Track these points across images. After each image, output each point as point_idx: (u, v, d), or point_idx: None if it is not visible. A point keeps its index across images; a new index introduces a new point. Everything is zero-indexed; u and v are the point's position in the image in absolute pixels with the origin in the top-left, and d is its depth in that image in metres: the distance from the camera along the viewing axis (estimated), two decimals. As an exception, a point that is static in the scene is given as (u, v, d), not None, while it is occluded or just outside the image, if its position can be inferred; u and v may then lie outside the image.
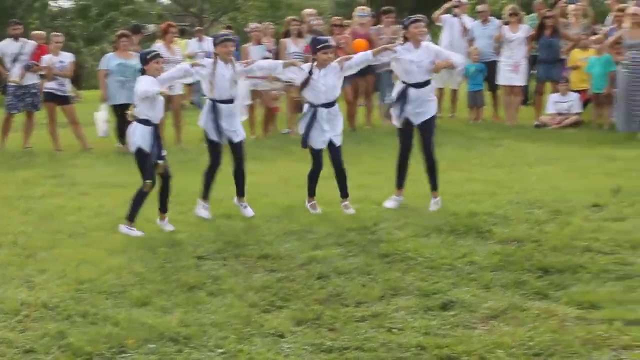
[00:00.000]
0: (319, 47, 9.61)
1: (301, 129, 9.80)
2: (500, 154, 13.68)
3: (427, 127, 9.72)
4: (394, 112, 9.82)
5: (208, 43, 18.47)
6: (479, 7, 19.03)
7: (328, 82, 9.58)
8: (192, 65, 9.86)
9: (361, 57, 9.92)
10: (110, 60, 15.66)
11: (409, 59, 9.61)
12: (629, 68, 15.21)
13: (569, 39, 17.23)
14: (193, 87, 19.80)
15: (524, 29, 17.40)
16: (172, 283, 7.25)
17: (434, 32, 21.76)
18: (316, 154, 9.79)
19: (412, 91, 9.66)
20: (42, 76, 16.28)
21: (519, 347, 5.64)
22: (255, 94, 11.95)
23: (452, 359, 5.57)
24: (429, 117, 9.70)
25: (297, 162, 13.19)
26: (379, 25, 17.83)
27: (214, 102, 9.62)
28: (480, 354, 5.57)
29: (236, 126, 9.70)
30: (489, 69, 17.65)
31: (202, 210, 9.69)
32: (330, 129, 9.66)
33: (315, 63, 9.63)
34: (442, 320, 6.21)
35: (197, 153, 14.63)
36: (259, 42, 17.48)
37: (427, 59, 9.61)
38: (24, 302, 6.79)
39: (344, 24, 17.75)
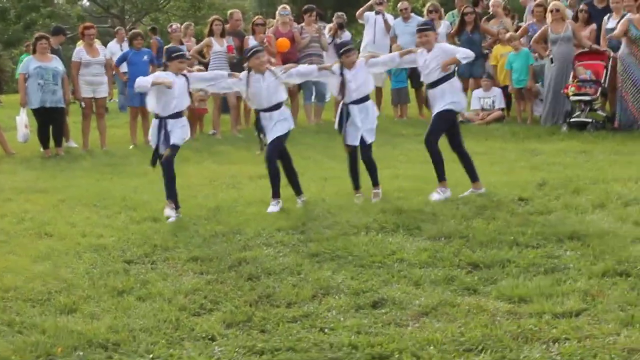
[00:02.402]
0: (342, 51, 9.83)
1: (337, 126, 10.09)
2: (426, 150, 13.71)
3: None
4: None
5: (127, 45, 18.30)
6: (400, 5, 19.13)
7: (358, 79, 9.80)
8: (229, 74, 10.04)
9: (389, 58, 10.48)
10: (29, 64, 15.42)
11: (423, 60, 9.92)
12: (554, 62, 15.40)
13: (489, 33, 17.40)
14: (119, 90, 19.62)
15: (444, 25, 17.53)
16: (99, 288, 7.13)
17: (358, 30, 21.82)
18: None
19: (429, 91, 10.14)
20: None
21: (451, 343, 5.63)
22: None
23: (384, 358, 5.54)
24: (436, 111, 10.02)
25: (223, 164, 13.16)
26: (301, 24, 17.84)
27: (256, 111, 9.91)
28: (412, 351, 5.55)
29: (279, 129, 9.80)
30: (412, 66, 17.73)
31: None
32: (363, 125, 9.91)
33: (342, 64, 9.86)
34: (373, 318, 6.18)
35: (122, 157, 14.53)
36: (180, 43, 17.41)
37: (435, 60, 9.83)
38: (-54, 313, 6.64)
39: (266, 23, 17.75)
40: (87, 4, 49.44)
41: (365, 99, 9.93)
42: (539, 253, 7.42)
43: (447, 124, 9.95)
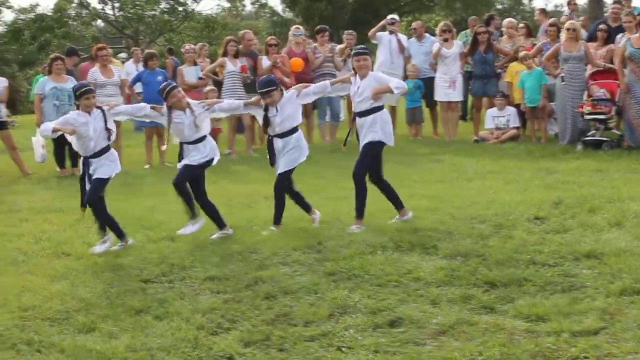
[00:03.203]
0: (263, 91, 9.72)
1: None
2: (441, 169, 13.75)
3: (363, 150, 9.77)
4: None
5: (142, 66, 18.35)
6: (414, 24, 19.20)
7: (284, 113, 9.71)
8: (152, 107, 9.74)
9: (319, 87, 10.13)
10: (45, 85, 15.50)
11: (353, 90, 9.75)
12: (565, 81, 15.41)
13: (503, 53, 17.43)
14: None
15: (457, 45, 17.57)
16: (117, 308, 7.17)
17: (371, 49, 21.86)
18: None
19: (358, 120, 9.78)
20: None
21: (469, 362, 5.66)
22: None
23: (402, 376, 5.57)
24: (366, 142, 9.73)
25: (238, 184, 13.19)
26: (314, 44, 17.91)
27: (181, 144, 9.77)
28: (431, 370, 5.58)
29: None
30: (426, 85, 17.78)
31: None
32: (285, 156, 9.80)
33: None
34: (391, 337, 6.20)
35: (138, 176, 14.58)
36: (194, 63, 17.48)
37: (368, 89, 9.63)
38: (-34, 333, 6.68)
39: (279, 44, 17.84)
40: (102, 24, 49.68)
41: (292, 131, 9.82)
42: (556, 272, 7.42)
43: (376, 156, 9.84)
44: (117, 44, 43.80)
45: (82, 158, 9.42)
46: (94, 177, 9.26)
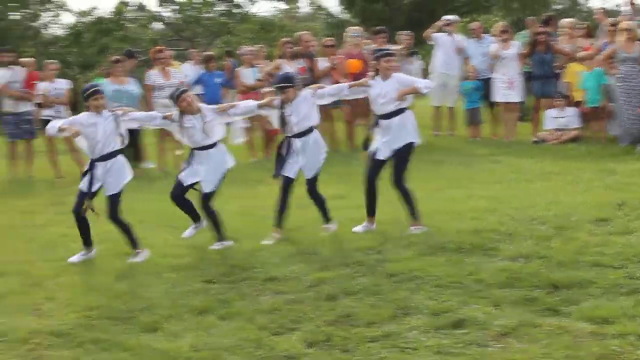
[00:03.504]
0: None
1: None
2: (500, 170, 13.65)
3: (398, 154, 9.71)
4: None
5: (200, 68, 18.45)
6: (472, 25, 19.10)
7: (300, 112, 9.67)
8: (164, 117, 9.67)
9: (336, 89, 10.08)
10: (106, 87, 15.65)
11: (376, 92, 9.65)
12: (623, 82, 15.25)
13: (563, 53, 17.27)
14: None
15: (516, 46, 17.44)
16: (180, 308, 7.24)
17: (426, 50, 21.83)
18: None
19: (383, 123, 9.68)
20: (38, 104, 16.32)
21: (534, 364, 5.63)
22: (253, 116, 11.94)
23: (466, 378, 5.56)
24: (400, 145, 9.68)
25: (297, 185, 13.19)
26: (372, 45, 17.88)
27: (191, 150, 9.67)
28: (496, 371, 5.56)
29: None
30: (485, 86, 17.68)
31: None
32: (304, 158, 9.85)
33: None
34: (454, 338, 6.19)
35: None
36: (251, 65, 17.55)
37: (392, 90, 9.58)
38: (33, 331, 6.79)
39: (336, 45, 17.85)
40: (163, 26, 50.00)
41: (309, 131, 9.79)
42: (620, 274, 7.33)
43: (409, 158, 9.79)
44: (174, 47, 44.12)
45: (89, 160, 9.35)
46: (106, 194, 9.25)
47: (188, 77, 17.72)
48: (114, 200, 9.23)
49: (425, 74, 18.24)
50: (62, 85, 16.48)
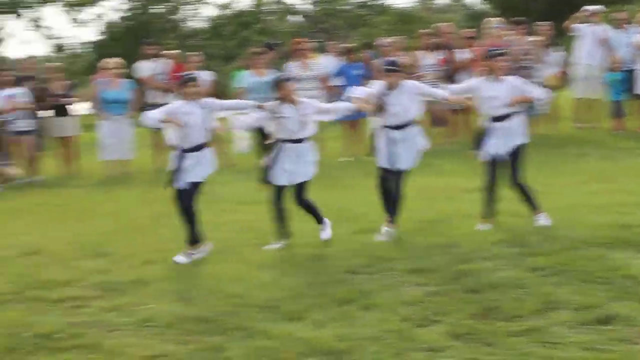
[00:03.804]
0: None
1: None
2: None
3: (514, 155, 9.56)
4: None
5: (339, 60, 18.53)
6: (617, 15, 18.64)
7: (402, 103, 9.49)
8: (257, 106, 9.55)
9: (436, 93, 9.99)
10: (246, 79, 15.88)
11: (488, 94, 9.46)
12: None
13: None
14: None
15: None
16: (324, 297, 7.29)
17: (567, 41, 21.41)
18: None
19: (495, 124, 9.51)
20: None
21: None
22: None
23: (615, 375, 5.45)
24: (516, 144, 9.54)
25: (438, 176, 13.15)
26: (512, 37, 17.63)
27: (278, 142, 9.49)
28: (646, 369, 5.44)
29: None
30: (630, 77, 17.24)
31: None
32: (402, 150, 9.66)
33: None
34: (600, 335, 6.07)
35: (337, 168, 14.74)
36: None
37: (506, 95, 9.41)
38: (182, 316, 6.94)
39: (476, 36, 17.69)
40: (301, 19, 50.39)
41: (410, 124, 9.59)
42: None
43: (523, 158, 9.63)
44: (312, 39, 44.42)
45: (178, 151, 9.16)
46: (189, 180, 9.10)
47: (327, 68, 17.83)
48: (197, 188, 9.20)
49: (565, 65, 17.90)
50: (205, 77, 16.77)
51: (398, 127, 9.54)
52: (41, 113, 17.20)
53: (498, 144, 9.48)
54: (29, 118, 16.57)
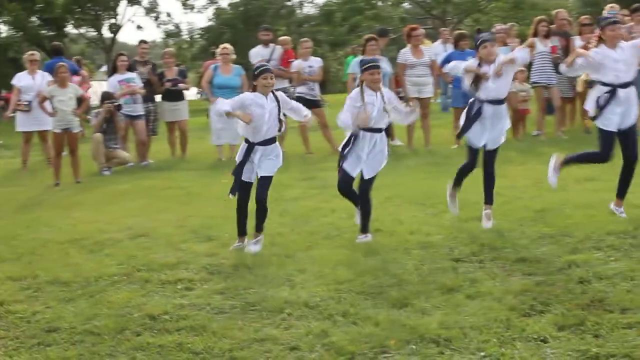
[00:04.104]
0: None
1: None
2: None
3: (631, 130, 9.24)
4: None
5: (451, 46, 18.38)
6: None
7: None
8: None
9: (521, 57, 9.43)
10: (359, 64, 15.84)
11: (614, 59, 9.08)
12: None
13: None
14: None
15: None
16: (429, 285, 7.23)
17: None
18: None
19: (620, 92, 9.14)
20: (290, 81, 16.77)
21: None
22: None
23: None
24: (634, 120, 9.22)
25: (548, 165, 12.93)
26: (630, 24, 17.22)
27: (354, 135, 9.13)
28: None
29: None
30: None
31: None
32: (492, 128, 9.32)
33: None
34: None
35: (446, 156, 14.65)
36: (504, 44, 17.32)
37: (632, 57, 9.10)
38: (287, 301, 6.97)
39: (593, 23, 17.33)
40: (409, 6, 50.22)
41: (502, 102, 9.28)
42: None
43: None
44: (424, 25, 44.25)
45: (246, 144, 8.91)
46: (261, 174, 8.87)
47: (439, 55, 17.71)
48: (268, 183, 8.92)
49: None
50: (316, 63, 16.84)
51: (494, 103, 9.28)
52: (152, 98, 17.53)
53: (619, 114, 9.16)
54: (142, 102, 16.87)
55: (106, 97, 16.31)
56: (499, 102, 9.27)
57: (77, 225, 10.49)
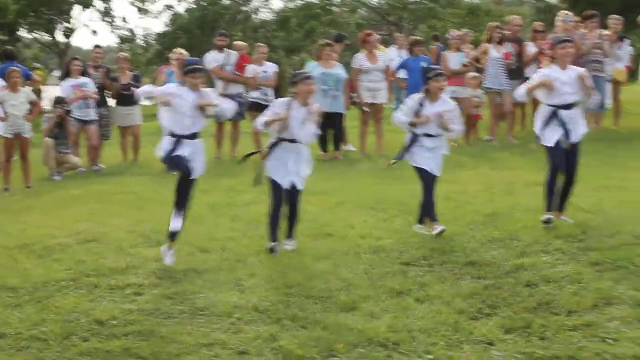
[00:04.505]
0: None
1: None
2: None
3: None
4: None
5: (405, 52, 18.48)
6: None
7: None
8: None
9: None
10: (314, 70, 15.86)
11: (561, 80, 9.14)
12: None
13: None
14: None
15: None
16: (378, 289, 7.26)
17: (638, 35, 21.08)
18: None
19: (564, 113, 9.21)
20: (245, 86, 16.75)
21: None
22: (456, 101, 11.74)
23: (672, 373, 5.34)
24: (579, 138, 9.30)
25: (499, 170, 13.05)
26: (584, 31, 17.40)
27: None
28: None
29: None
30: None
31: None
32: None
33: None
34: (658, 331, 5.97)
35: (399, 162, 14.66)
36: (458, 50, 17.43)
37: (576, 81, 9.15)
38: (236, 305, 6.96)
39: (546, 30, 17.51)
40: (365, 13, 50.31)
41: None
42: None
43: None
44: (380, 31, 44.36)
45: (173, 136, 8.56)
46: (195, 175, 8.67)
47: (393, 61, 17.76)
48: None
49: (634, 59, 17.66)
50: (270, 68, 16.82)
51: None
52: (105, 102, 17.44)
53: (562, 135, 9.23)
54: (95, 107, 16.76)
55: (58, 101, 16.17)
56: (436, 136, 9.34)
57: (26, 230, 10.38)
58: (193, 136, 8.60)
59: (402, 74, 17.09)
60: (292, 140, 8.87)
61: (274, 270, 7.98)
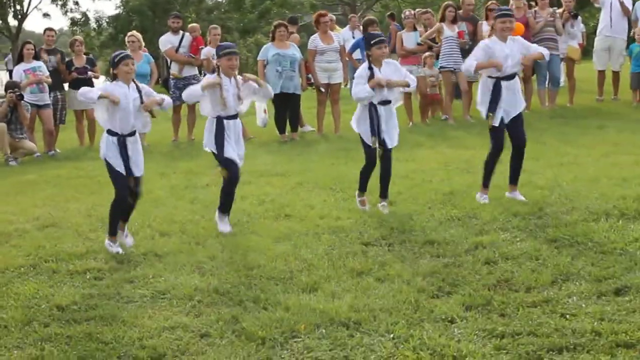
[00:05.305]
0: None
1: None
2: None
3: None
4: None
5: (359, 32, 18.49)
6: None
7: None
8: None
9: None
10: (268, 51, 15.82)
11: (504, 53, 9.18)
12: None
13: None
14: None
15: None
16: (339, 269, 7.29)
17: (592, 13, 21.25)
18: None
19: (504, 84, 9.25)
20: (199, 68, 16.69)
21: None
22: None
23: (629, 346, 5.38)
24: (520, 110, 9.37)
25: (457, 149, 13.12)
26: (535, 9, 17.50)
27: None
28: (660, 340, 5.40)
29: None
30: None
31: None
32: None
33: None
34: (617, 306, 6.03)
35: (356, 141, 14.70)
36: (413, 29, 17.45)
37: (518, 52, 9.24)
38: (197, 288, 6.95)
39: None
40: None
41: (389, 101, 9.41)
42: None
43: None
44: (334, 11, 44.35)
45: (112, 136, 8.35)
46: (137, 174, 8.48)
47: (347, 41, 17.77)
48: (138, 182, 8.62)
49: (587, 37, 17.81)
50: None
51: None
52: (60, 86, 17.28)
53: (509, 106, 9.28)
54: (49, 91, 16.61)
55: (10, 86, 15.99)
56: (388, 102, 9.38)
57: (-18, 217, 10.30)
58: (134, 134, 8.45)
59: (356, 54, 17.10)
60: (231, 117, 8.92)
61: (234, 252, 7.98)
